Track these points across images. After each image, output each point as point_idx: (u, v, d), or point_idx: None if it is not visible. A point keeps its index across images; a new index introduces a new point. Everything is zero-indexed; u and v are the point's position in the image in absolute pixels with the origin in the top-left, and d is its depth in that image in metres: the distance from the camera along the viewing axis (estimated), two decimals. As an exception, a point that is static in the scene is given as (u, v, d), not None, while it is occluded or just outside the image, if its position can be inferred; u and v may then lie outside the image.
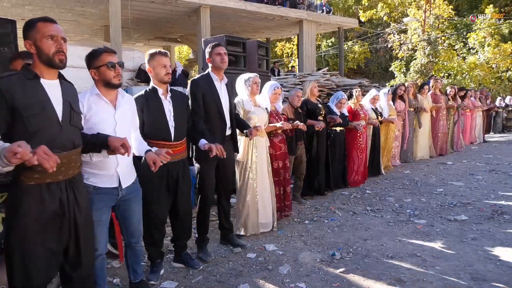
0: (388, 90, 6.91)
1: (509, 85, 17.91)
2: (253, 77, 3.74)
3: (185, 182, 2.92)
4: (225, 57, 3.24)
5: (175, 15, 10.37)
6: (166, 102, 2.80)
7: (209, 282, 2.89)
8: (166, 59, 2.77)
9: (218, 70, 3.28)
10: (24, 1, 8.96)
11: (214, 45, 3.26)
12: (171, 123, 2.78)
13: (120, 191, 2.32)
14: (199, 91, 3.18)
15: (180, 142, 2.84)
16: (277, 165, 4.21)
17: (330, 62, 22.83)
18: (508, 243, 3.48)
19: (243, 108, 3.69)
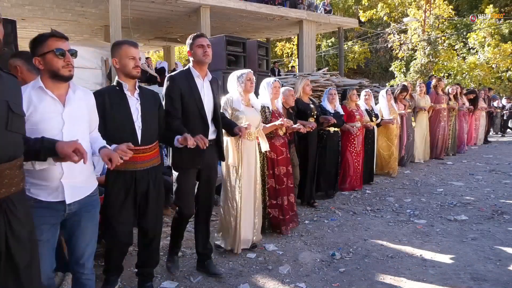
0: (387, 91, 6.57)
1: (509, 85, 17.92)
2: (247, 73, 3.37)
3: (156, 195, 2.52)
4: (208, 49, 2.80)
5: (175, 15, 10.38)
6: (132, 99, 2.43)
7: (209, 282, 2.88)
8: (134, 50, 2.40)
9: (200, 64, 2.83)
10: (24, 1, 8.97)
11: (196, 36, 2.83)
12: (137, 124, 2.40)
13: (67, 206, 1.90)
14: (177, 89, 2.77)
15: (149, 147, 2.45)
16: (278, 172, 3.80)
17: (330, 62, 22.84)
18: (508, 243, 3.48)
19: (231, 107, 3.30)
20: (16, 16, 9.41)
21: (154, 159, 2.50)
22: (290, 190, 3.94)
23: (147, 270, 2.68)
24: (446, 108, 8.01)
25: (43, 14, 10.01)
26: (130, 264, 3.04)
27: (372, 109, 6.06)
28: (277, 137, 3.83)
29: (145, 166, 2.43)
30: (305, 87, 4.77)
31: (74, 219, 1.98)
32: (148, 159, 2.44)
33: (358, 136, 5.59)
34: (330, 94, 5.17)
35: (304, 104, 4.71)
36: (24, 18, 10.19)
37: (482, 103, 10.27)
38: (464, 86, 13.84)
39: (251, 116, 3.35)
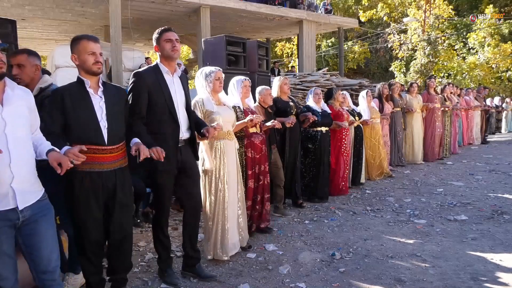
0: (366, 92, 6.30)
1: (509, 85, 17.92)
2: (216, 72, 3.16)
3: (124, 196, 2.41)
4: (177, 44, 2.66)
5: (175, 15, 10.37)
6: (96, 97, 2.29)
7: (209, 282, 2.88)
8: (94, 45, 2.25)
9: (169, 60, 2.70)
10: (24, 1, 8.96)
11: (163, 30, 2.68)
12: (103, 123, 2.26)
13: (20, 213, 1.78)
14: (143, 86, 2.61)
15: (116, 147, 2.33)
16: (258, 170, 3.69)
17: (330, 62, 22.82)
18: (508, 243, 3.48)
19: (202, 110, 3.10)
20: (16, 16, 9.41)
21: (121, 160, 2.40)
22: (266, 189, 3.83)
23: (119, 276, 2.54)
24: (440, 108, 7.82)
25: (43, 14, 10.01)
26: (130, 264, 3.04)
27: (353, 109, 5.88)
28: (256, 135, 3.68)
29: (112, 167, 2.32)
30: (283, 86, 4.64)
31: (30, 227, 1.85)
32: (115, 160, 2.33)
33: (347, 136, 5.46)
34: (316, 94, 5.04)
35: (283, 102, 4.58)
36: (24, 18, 10.18)
37: (475, 102, 10.14)
38: (464, 86, 13.86)
39: (226, 115, 3.22)
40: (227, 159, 3.18)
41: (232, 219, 3.25)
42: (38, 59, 2.58)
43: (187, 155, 2.80)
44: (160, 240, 2.85)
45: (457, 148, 8.78)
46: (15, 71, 2.46)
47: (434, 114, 7.74)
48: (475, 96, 10.45)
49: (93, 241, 2.37)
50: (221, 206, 3.16)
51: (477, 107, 10.18)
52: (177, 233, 3.83)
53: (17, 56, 2.48)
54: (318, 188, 5.01)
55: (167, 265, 2.89)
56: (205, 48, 5.80)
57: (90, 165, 2.21)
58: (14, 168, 1.74)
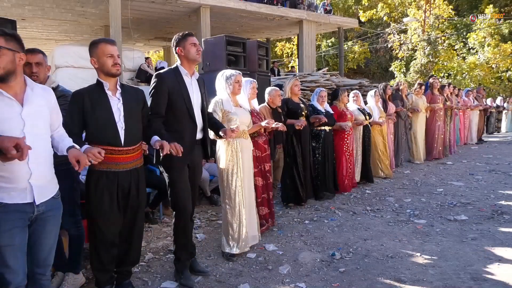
0: (375, 92, 6.42)
1: (509, 85, 17.92)
2: (236, 76, 3.32)
3: (138, 196, 2.51)
4: (200, 48, 2.83)
5: (175, 15, 10.38)
6: (114, 99, 2.38)
7: (209, 282, 2.88)
8: (112, 47, 2.34)
9: (191, 63, 2.82)
10: (24, 1, 8.97)
11: (188, 34, 2.79)
12: (120, 125, 2.35)
13: (36, 207, 1.86)
14: (165, 87, 2.73)
15: (132, 148, 2.42)
16: (264, 168, 3.89)
17: (330, 62, 22.83)
18: (508, 243, 3.48)
19: (221, 109, 3.26)
20: (16, 16, 9.42)
21: (137, 160, 2.48)
22: (270, 187, 3.99)
23: (125, 268, 2.66)
24: (442, 108, 7.89)
25: (43, 14, 10.02)
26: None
27: (363, 108, 6.01)
28: (260, 136, 3.87)
29: (127, 167, 2.41)
30: (293, 87, 4.71)
31: (39, 223, 1.91)
32: (131, 160, 2.42)
33: (350, 136, 5.51)
34: (321, 96, 5.12)
35: (294, 103, 4.68)
36: (24, 18, 10.19)
37: (474, 102, 10.12)
38: (464, 86, 13.86)
39: (242, 116, 3.37)
40: (242, 156, 3.33)
41: (251, 213, 3.43)
42: (47, 60, 2.67)
43: (197, 154, 2.92)
44: (181, 242, 2.88)
45: (455, 148, 8.79)
46: (35, 69, 2.52)
47: (436, 114, 7.78)
48: (475, 96, 10.44)
49: (106, 238, 2.45)
50: (240, 201, 3.29)
51: (477, 107, 10.13)
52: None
53: (37, 55, 2.55)
54: (323, 185, 5.11)
55: (184, 266, 2.88)
56: (205, 48, 5.81)
57: (107, 165, 2.31)
58: (32, 165, 1.81)
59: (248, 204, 3.39)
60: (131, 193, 2.45)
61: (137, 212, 2.55)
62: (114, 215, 2.44)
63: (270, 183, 3.97)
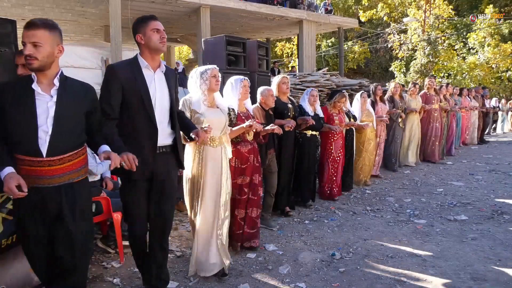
0: (361, 93, 6.00)
1: (509, 85, 17.92)
2: (212, 69, 2.89)
3: (76, 217, 1.95)
4: (165, 35, 2.32)
5: (175, 15, 10.38)
6: (44, 96, 1.88)
7: (209, 282, 2.88)
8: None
9: (153, 53, 2.33)
10: (24, 1, 8.97)
11: (149, 18, 2.30)
12: (44, 129, 1.84)
13: None
14: (117, 82, 2.24)
15: (59, 158, 1.89)
16: (241, 181, 3.28)
17: (330, 62, 22.83)
18: (508, 243, 3.48)
19: (189, 109, 2.82)
20: (16, 16, 9.41)
21: (72, 173, 1.95)
22: (252, 204, 3.37)
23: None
24: (437, 108, 7.60)
25: (43, 14, 10.01)
26: (130, 264, 3.04)
27: (348, 111, 5.57)
28: (244, 142, 3.30)
29: (54, 182, 1.89)
30: (281, 85, 4.28)
31: None
32: (60, 174, 1.90)
33: (337, 141, 5.11)
34: (312, 96, 4.71)
35: (282, 103, 4.25)
36: (24, 18, 10.17)
37: (474, 102, 9.99)
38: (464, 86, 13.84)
39: (214, 118, 2.87)
40: (209, 168, 2.84)
41: (206, 238, 2.89)
42: None
43: (165, 164, 2.40)
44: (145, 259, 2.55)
45: (454, 150, 8.58)
46: (21, 71, 2.49)
47: (431, 115, 7.52)
48: (473, 96, 10.33)
49: (37, 267, 2.04)
50: (201, 218, 2.84)
51: (475, 108, 9.94)
52: (177, 233, 3.83)
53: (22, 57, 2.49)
54: (300, 192, 4.73)
55: None
56: (205, 48, 5.81)
57: (27, 180, 1.81)
58: None
59: (207, 227, 2.88)
60: (64, 215, 1.92)
61: (75, 238, 1.95)
62: (39, 242, 1.94)
63: (255, 200, 3.37)
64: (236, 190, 3.26)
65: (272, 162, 3.99)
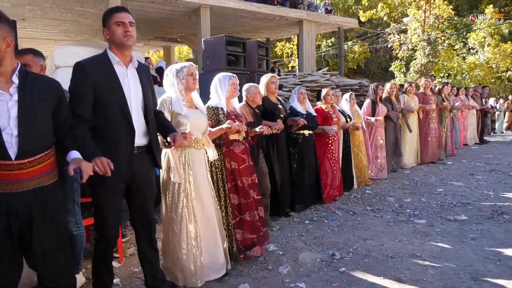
0: (350, 95, 5.82)
1: (509, 85, 17.94)
2: (188, 67, 2.72)
3: (47, 224, 1.83)
4: (131, 29, 2.14)
5: (175, 15, 10.38)
6: (4, 96, 1.74)
7: (209, 282, 2.88)
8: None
9: (120, 48, 2.17)
10: (24, 1, 8.96)
11: (113, 10, 2.16)
12: (9, 131, 1.71)
13: None
14: (89, 80, 2.08)
15: (29, 161, 1.77)
16: (242, 184, 3.16)
17: (330, 62, 22.85)
18: (508, 243, 3.48)
19: (169, 110, 2.64)
20: (16, 16, 9.41)
21: (42, 176, 1.83)
22: (258, 203, 3.32)
23: None
24: (435, 109, 7.48)
25: (43, 14, 10.02)
26: (130, 264, 3.05)
27: (342, 111, 5.47)
28: (237, 143, 3.20)
29: (25, 186, 1.77)
30: (270, 85, 4.12)
31: None
32: (29, 177, 1.77)
33: (336, 141, 5.00)
34: (301, 94, 4.59)
35: (272, 103, 4.11)
36: (24, 18, 10.19)
37: (471, 101, 9.95)
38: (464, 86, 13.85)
39: (196, 120, 2.72)
40: (193, 171, 2.70)
41: (210, 242, 2.80)
42: (43, 59, 2.55)
43: (142, 165, 2.29)
44: (100, 275, 2.36)
45: (455, 150, 8.55)
46: None
47: (429, 115, 7.42)
48: (471, 95, 10.26)
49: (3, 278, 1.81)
50: (184, 227, 2.66)
51: (473, 107, 9.88)
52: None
53: (23, 56, 2.42)
54: (300, 194, 4.59)
55: None
56: (205, 48, 5.81)
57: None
58: None
59: (210, 231, 2.80)
60: (34, 223, 1.79)
61: (48, 252, 1.83)
62: (6, 253, 1.78)
63: (254, 201, 3.26)
64: (241, 194, 3.17)
65: (263, 164, 3.89)
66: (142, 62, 2.40)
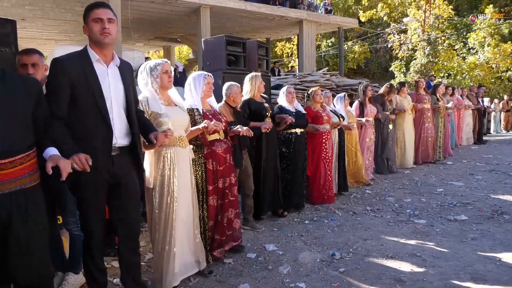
0: (344, 95, 5.82)
1: (509, 85, 17.94)
2: (162, 64, 2.63)
3: (29, 228, 1.78)
4: (109, 25, 2.09)
5: (175, 15, 10.38)
6: None
7: (209, 282, 2.88)
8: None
9: (99, 46, 2.12)
10: (24, 1, 8.97)
11: (92, 6, 2.10)
12: None
13: None
14: (64, 77, 2.02)
15: (10, 161, 1.72)
16: (222, 184, 3.14)
17: (330, 62, 22.84)
18: (508, 243, 3.48)
19: (147, 111, 2.56)
20: (16, 16, 9.41)
21: (24, 178, 1.77)
22: (233, 204, 3.29)
23: None
24: (430, 108, 7.41)
25: (43, 14, 10.02)
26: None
27: (335, 110, 5.41)
28: (218, 142, 3.13)
29: (5, 188, 1.71)
30: (260, 86, 4.08)
31: None
32: (11, 179, 1.72)
33: (329, 140, 4.91)
34: (289, 93, 4.53)
35: (258, 104, 4.03)
36: (24, 18, 10.19)
37: (467, 101, 9.89)
38: (464, 86, 13.86)
39: (177, 117, 2.67)
40: (178, 170, 2.65)
41: (183, 241, 2.75)
42: (45, 59, 2.62)
43: (123, 166, 2.23)
44: (91, 275, 2.30)
45: (451, 150, 8.46)
46: (31, 71, 2.43)
47: (424, 115, 7.34)
48: (466, 95, 10.12)
49: None
50: (169, 226, 2.62)
51: (468, 107, 9.81)
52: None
53: (32, 56, 2.46)
54: (293, 195, 4.54)
55: None
56: (205, 48, 5.82)
57: None
58: None
59: (184, 231, 2.76)
60: (13, 225, 1.74)
61: (27, 256, 1.79)
62: None
63: (233, 201, 3.27)
64: (218, 195, 3.14)
65: (247, 164, 3.83)
66: (125, 60, 2.34)
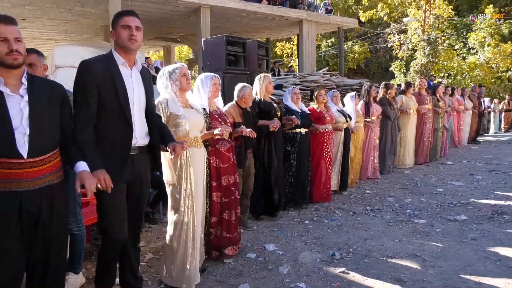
0: (355, 94, 5.90)
1: (509, 85, 17.94)
2: (181, 68, 2.76)
3: (51, 223, 1.88)
4: (136, 33, 2.16)
5: (175, 15, 10.38)
6: (14, 97, 1.79)
7: (209, 282, 2.88)
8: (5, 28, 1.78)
9: (125, 51, 2.20)
10: (24, 1, 8.98)
11: (121, 14, 2.20)
12: (21, 130, 1.77)
13: None
14: (93, 80, 2.08)
15: (41, 159, 1.83)
16: (226, 182, 3.20)
17: (330, 62, 22.85)
18: (508, 243, 3.48)
19: (165, 113, 2.65)
20: (16, 16, 9.38)
21: (51, 174, 1.89)
22: (237, 203, 3.36)
23: None
24: (431, 109, 7.44)
25: (43, 14, 10.03)
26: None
27: (342, 110, 5.50)
28: (222, 141, 3.22)
29: (35, 184, 1.81)
30: (268, 86, 4.19)
31: None
32: (40, 175, 1.83)
33: (331, 140, 5.00)
34: (295, 94, 4.66)
35: (267, 104, 4.15)
36: (24, 18, 10.20)
37: (468, 102, 9.88)
38: (464, 86, 13.85)
39: (194, 119, 2.79)
40: (194, 170, 2.73)
41: (196, 239, 2.75)
42: (44, 59, 2.61)
43: (142, 165, 2.31)
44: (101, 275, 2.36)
45: (447, 150, 8.43)
46: (29, 70, 2.42)
47: (425, 115, 7.35)
48: (467, 96, 10.11)
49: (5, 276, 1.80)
50: (191, 226, 2.68)
51: (466, 109, 9.77)
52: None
53: (28, 56, 2.43)
54: (298, 193, 4.64)
55: None
56: (205, 48, 5.82)
57: (4, 184, 1.75)
58: None
59: (198, 230, 2.80)
60: (41, 219, 1.84)
61: (50, 248, 1.89)
62: (14, 248, 1.79)
63: (235, 200, 3.32)
64: (223, 192, 3.22)
65: (250, 163, 3.89)
66: (144, 65, 2.47)
